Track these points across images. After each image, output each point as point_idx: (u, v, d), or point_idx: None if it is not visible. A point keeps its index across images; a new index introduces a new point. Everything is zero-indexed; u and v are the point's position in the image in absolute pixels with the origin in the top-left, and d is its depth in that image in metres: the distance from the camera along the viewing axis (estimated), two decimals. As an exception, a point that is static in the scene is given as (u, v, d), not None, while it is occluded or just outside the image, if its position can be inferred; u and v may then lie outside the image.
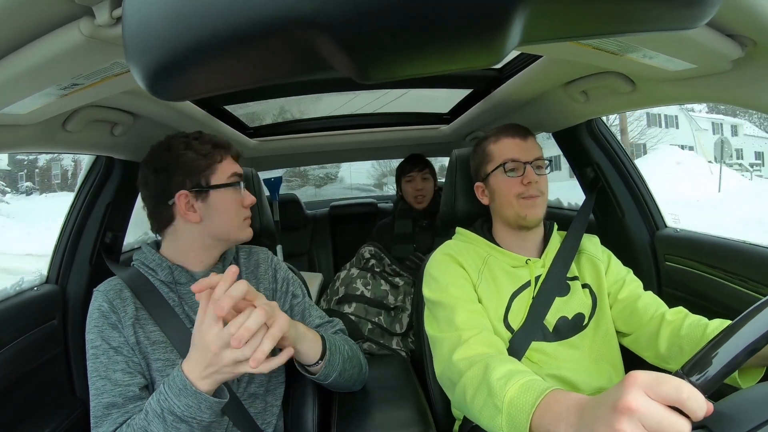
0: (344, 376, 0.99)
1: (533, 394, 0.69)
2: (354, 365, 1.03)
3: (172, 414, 0.77)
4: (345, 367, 0.98)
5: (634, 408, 0.48)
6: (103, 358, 0.88)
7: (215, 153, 0.98)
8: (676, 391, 0.47)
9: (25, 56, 0.61)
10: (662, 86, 1.02)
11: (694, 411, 0.46)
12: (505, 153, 1.11)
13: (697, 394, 0.47)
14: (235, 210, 0.99)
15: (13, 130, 0.88)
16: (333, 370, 0.95)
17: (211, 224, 0.97)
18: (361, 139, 2.31)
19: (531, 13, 0.28)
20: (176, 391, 0.78)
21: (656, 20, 0.32)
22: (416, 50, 0.29)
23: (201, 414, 0.78)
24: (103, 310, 0.91)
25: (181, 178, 0.94)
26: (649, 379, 0.49)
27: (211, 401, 0.78)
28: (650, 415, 0.48)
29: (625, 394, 0.50)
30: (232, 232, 0.99)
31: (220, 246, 1.02)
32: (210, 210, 0.96)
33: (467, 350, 0.90)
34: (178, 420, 0.77)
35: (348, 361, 1.00)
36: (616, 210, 1.47)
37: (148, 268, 0.98)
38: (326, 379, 0.96)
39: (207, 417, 0.79)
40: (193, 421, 0.78)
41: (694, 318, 0.97)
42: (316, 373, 0.94)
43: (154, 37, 0.28)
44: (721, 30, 0.73)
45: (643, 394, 0.49)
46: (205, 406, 0.78)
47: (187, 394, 0.77)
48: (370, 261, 2.02)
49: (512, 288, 1.07)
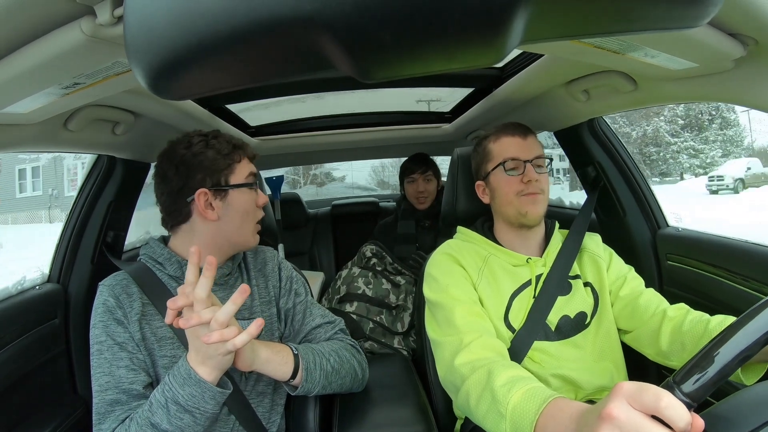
0: (330, 389, 0.99)
1: (537, 402, 0.69)
2: (343, 376, 1.01)
3: (176, 404, 0.78)
4: (329, 381, 0.98)
5: (614, 416, 0.50)
6: (107, 354, 0.88)
7: (234, 153, 0.99)
8: (654, 401, 0.48)
9: (27, 56, 0.61)
10: (664, 85, 1.02)
11: (673, 420, 0.47)
12: (505, 151, 1.11)
13: (676, 404, 0.47)
14: (252, 210, 1.01)
15: (14, 129, 0.88)
16: (313, 386, 0.95)
17: (228, 223, 0.98)
18: (363, 137, 2.31)
19: (532, 11, 0.28)
20: (180, 381, 0.79)
21: (658, 19, 0.32)
22: (417, 49, 0.29)
23: (204, 404, 0.79)
24: (108, 305, 0.91)
25: (202, 176, 0.95)
26: (632, 389, 0.51)
27: (214, 391, 0.79)
28: (630, 423, 0.49)
29: (608, 403, 0.51)
30: (243, 235, 1.00)
31: (231, 249, 1.02)
32: (228, 209, 0.97)
33: (469, 354, 0.90)
34: (182, 410, 0.78)
35: (333, 374, 0.98)
36: (617, 209, 1.47)
37: (156, 263, 0.98)
38: (308, 394, 0.97)
39: (210, 407, 0.80)
40: (197, 411, 0.79)
41: (695, 314, 0.97)
42: (296, 388, 0.94)
43: (155, 36, 0.28)
44: (722, 29, 0.73)
45: (625, 403, 0.50)
46: (208, 395, 0.79)
47: (191, 383, 0.78)
48: (372, 260, 2.02)
49: (513, 287, 1.07)
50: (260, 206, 1.03)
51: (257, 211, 1.03)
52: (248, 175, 1.01)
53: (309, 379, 0.94)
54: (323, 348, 1.01)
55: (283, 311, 1.07)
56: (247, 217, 1.00)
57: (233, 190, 0.97)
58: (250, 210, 1.00)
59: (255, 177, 1.02)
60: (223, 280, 1.01)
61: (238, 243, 1.01)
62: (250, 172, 1.01)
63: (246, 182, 1.00)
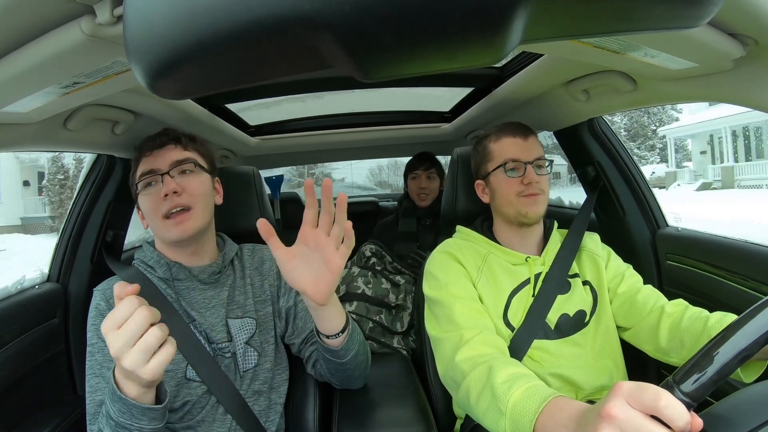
0: (355, 363, 0.98)
1: (537, 400, 0.69)
2: (365, 351, 1.03)
3: (112, 419, 0.73)
4: (359, 351, 0.98)
5: (614, 415, 0.50)
6: (98, 356, 0.89)
7: (137, 154, 1.01)
8: (654, 400, 0.48)
9: (27, 55, 0.61)
10: (664, 85, 1.02)
11: (673, 419, 0.47)
12: (506, 152, 1.11)
13: (675, 404, 0.47)
14: (154, 208, 0.96)
15: (14, 128, 0.88)
16: (350, 349, 0.95)
17: (150, 225, 0.99)
18: (363, 137, 2.31)
19: (532, 11, 0.28)
20: (110, 396, 0.73)
21: (658, 19, 0.32)
22: (417, 49, 0.29)
23: (137, 421, 0.73)
24: (100, 309, 0.93)
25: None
26: (632, 388, 0.51)
27: (141, 408, 0.72)
28: (629, 422, 0.49)
29: (608, 402, 0.51)
30: (159, 233, 0.99)
31: (177, 247, 1.00)
32: (144, 212, 1.00)
33: (469, 350, 0.91)
34: (118, 426, 0.73)
35: (363, 345, 1.00)
36: (617, 209, 1.47)
37: (148, 266, 1.00)
38: (345, 355, 0.94)
39: (146, 424, 0.73)
40: (133, 427, 0.73)
41: (694, 310, 0.97)
42: (336, 346, 0.92)
43: (155, 36, 0.28)
44: (722, 29, 0.73)
45: (624, 402, 0.50)
46: (137, 411, 0.72)
47: (115, 398, 0.72)
48: (371, 259, 2.02)
49: (511, 286, 1.07)
50: (163, 196, 0.94)
51: (161, 205, 0.95)
52: (141, 175, 0.98)
53: (351, 340, 0.94)
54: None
55: (283, 310, 1.07)
56: (152, 216, 0.97)
57: (139, 196, 0.99)
58: (153, 209, 0.96)
59: (151, 174, 0.97)
60: (213, 278, 1.01)
61: (162, 238, 1.00)
62: (143, 172, 0.97)
63: (139, 182, 0.98)
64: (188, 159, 0.99)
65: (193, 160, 1.00)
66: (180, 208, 0.95)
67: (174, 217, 0.94)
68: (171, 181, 0.95)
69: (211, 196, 1.03)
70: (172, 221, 0.95)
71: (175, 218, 0.94)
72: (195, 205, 0.96)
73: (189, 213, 0.96)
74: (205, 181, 1.02)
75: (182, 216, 0.95)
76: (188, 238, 0.96)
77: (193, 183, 0.98)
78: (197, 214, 0.97)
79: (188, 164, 0.99)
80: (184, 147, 1.01)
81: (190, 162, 0.99)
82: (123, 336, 0.67)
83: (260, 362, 1.01)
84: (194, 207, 0.96)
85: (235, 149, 2.07)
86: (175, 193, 0.94)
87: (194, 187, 0.98)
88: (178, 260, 1.00)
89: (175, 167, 0.97)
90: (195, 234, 0.97)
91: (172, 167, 0.97)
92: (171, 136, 1.00)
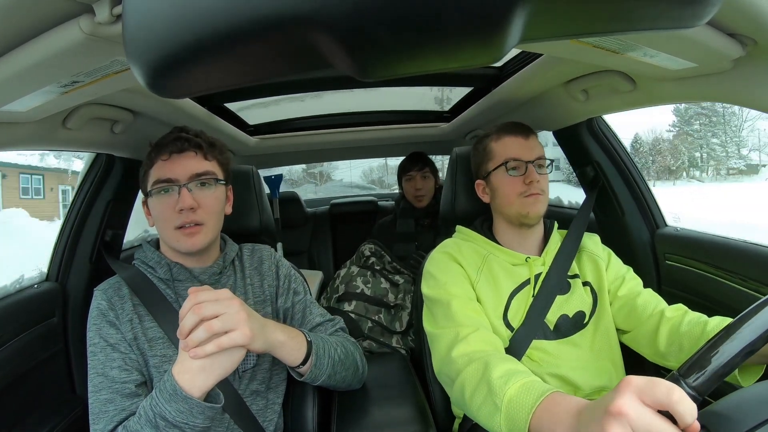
0: (335, 379, 0.98)
1: (533, 395, 0.69)
2: (347, 367, 1.01)
3: (163, 419, 0.75)
4: (335, 371, 0.97)
5: (624, 412, 0.49)
6: (100, 355, 0.89)
7: (150, 157, 0.98)
8: (667, 395, 0.48)
9: (26, 54, 0.61)
10: (663, 85, 1.02)
11: (683, 415, 0.47)
12: (506, 152, 1.11)
13: (687, 399, 0.47)
14: (167, 217, 0.94)
15: (13, 127, 0.88)
16: (321, 373, 0.94)
17: (158, 228, 0.98)
18: (362, 136, 2.31)
19: (531, 11, 0.28)
20: (167, 397, 0.76)
21: (657, 19, 0.32)
22: (416, 48, 0.29)
23: (193, 419, 0.76)
24: (101, 308, 0.93)
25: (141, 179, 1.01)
26: (642, 384, 0.50)
27: (202, 406, 0.76)
28: (640, 419, 0.48)
29: (617, 398, 0.50)
30: (168, 240, 0.97)
31: (178, 252, 1.00)
32: (153, 215, 0.98)
33: (466, 346, 0.91)
34: (170, 425, 0.75)
35: (339, 364, 0.98)
36: (616, 209, 1.47)
37: (148, 266, 1.00)
38: (314, 382, 0.95)
39: (200, 422, 0.77)
40: (186, 426, 0.76)
41: (693, 315, 0.97)
42: (303, 375, 0.93)
43: (154, 35, 0.28)
44: (721, 29, 0.73)
45: (635, 398, 0.50)
46: (197, 411, 0.76)
47: (177, 399, 0.75)
48: (371, 259, 2.03)
49: (511, 286, 1.07)
50: (179, 210, 0.93)
51: (175, 216, 0.93)
52: (155, 182, 0.94)
53: (318, 365, 0.93)
54: (330, 339, 1.01)
55: (281, 310, 1.07)
56: (163, 223, 0.95)
57: (150, 197, 0.97)
58: (165, 217, 0.94)
59: (168, 182, 0.94)
60: (215, 279, 1.01)
61: (170, 246, 0.99)
62: (159, 178, 0.94)
63: (153, 189, 0.95)
64: (208, 172, 0.97)
65: (212, 174, 0.97)
66: (194, 223, 0.94)
67: (185, 229, 0.94)
68: (188, 196, 0.92)
69: (223, 209, 1.02)
70: (182, 232, 0.94)
71: (185, 230, 0.94)
72: (208, 222, 0.95)
73: (201, 227, 0.95)
74: (221, 195, 1.00)
75: (194, 229, 0.94)
76: (197, 251, 0.97)
77: (209, 199, 0.96)
78: (209, 229, 0.96)
79: (208, 177, 0.97)
80: (205, 156, 0.98)
81: (210, 176, 0.97)
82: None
83: (259, 362, 1.00)
84: (207, 223, 0.95)
85: (234, 148, 2.07)
86: (191, 209, 0.93)
87: (210, 204, 0.96)
88: (179, 261, 0.99)
89: (193, 180, 0.95)
90: (204, 247, 0.97)
91: (191, 180, 0.94)
92: (193, 143, 0.96)
